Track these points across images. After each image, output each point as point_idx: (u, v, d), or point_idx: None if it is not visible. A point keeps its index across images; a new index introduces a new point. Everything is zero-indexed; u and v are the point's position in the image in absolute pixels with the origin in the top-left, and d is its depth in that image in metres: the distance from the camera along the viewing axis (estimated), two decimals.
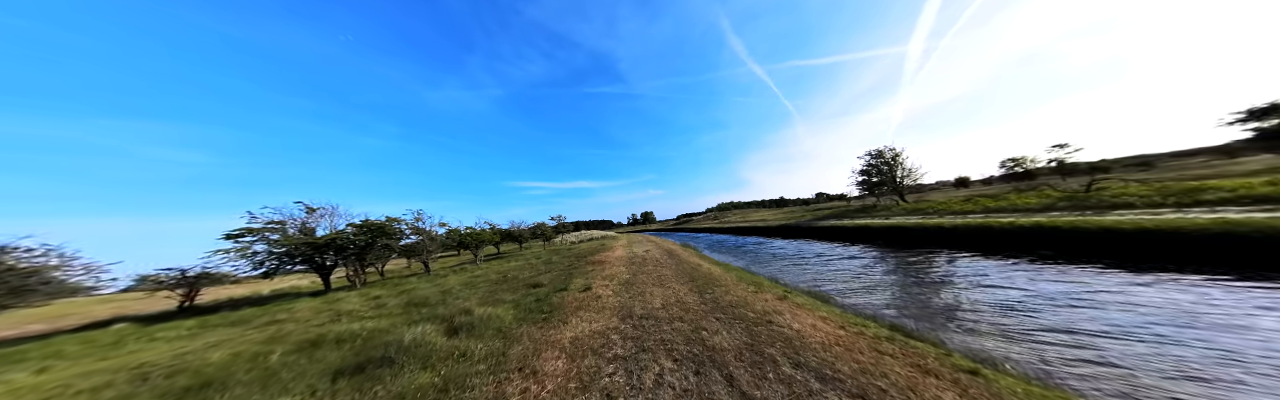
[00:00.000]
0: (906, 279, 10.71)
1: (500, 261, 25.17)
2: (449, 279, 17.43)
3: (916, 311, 7.42)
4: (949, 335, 5.83)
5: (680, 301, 7.48)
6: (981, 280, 9.33)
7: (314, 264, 18.53)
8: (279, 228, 18.60)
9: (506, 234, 37.40)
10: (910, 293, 9.07)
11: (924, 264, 12.40)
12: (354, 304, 12.96)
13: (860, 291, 9.77)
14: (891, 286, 10.04)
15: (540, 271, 15.62)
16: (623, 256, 17.77)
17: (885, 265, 13.09)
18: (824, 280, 11.73)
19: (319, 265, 18.76)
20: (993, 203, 20.14)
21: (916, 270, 11.58)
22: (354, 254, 20.23)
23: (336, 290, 18.26)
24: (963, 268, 11.05)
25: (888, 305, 8.24)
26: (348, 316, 10.52)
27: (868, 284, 10.58)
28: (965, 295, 8.19)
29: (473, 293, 12.08)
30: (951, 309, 7.29)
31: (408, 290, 15.23)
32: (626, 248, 23.69)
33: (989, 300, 7.62)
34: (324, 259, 18.88)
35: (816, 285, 10.98)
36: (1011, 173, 53.66)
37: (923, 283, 9.93)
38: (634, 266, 13.89)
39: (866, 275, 11.79)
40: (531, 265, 18.87)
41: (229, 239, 17.05)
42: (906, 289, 9.56)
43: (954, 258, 12.71)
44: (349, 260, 20.05)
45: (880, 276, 11.42)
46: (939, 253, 13.94)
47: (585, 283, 10.97)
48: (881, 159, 36.18)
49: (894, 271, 11.95)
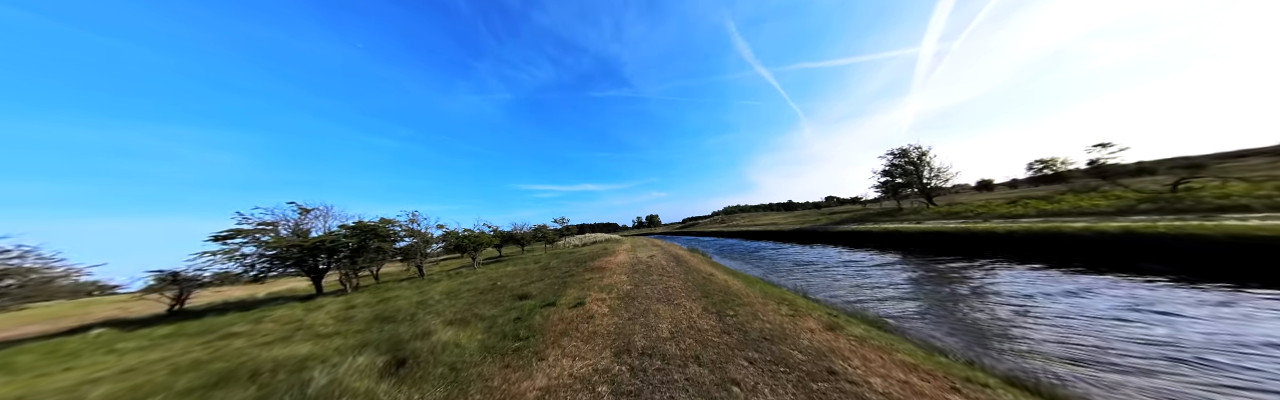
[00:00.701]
0: (982, 298, 8.34)
1: (498, 265, 23.74)
2: (437, 285, 15.92)
3: (1044, 356, 5.18)
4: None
5: (694, 328, 5.75)
6: (1093, 302, 7.23)
7: (305, 267, 17.37)
8: (270, 229, 17.57)
9: (508, 236, 35.93)
10: (1010, 321, 6.73)
11: (985, 276, 10.37)
12: (324, 315, 11.50)
13: (930, 317, 7.55)
14: (970, 309, 7.70)
15: (533, 278, 14.01)
16: (625, 262, 16.06)
17: (937, 277, 11.09)
18: (868, 297, 9.68)
19: (311, 268, 17.59)
20: (1047, 205, 17.84)
21: (983, 286, 9.44)
22: (346, 257, 19.00)
23: (328, 294, 17.15)
24: (1050, 284, 8.80)
25: (984, 341, 5.91)
26: (303, 333, 8.99)
27: (931, 304, 8.34)
28: (1113, 331, 5.79)
29: (451, 304, 10.50)
30: (1120, 361, 4.80)
31: (388, 299, 13.76)
32: (630, 252, 21.97)
33: (1158, 340, 5.25)
34: (316, 262, 17.69)
35: (862, 304, 8.95)
36: (1040, 175, 51.02)
37: (1017, 306, 7.48)
38: (637, 275, 12.18)
39: (922, 291, 9.68)
40: (527, 271, 17.28)
41: (216, 241, 16.01)
42: (994, 313, 7.22)
43: (1013, 268, 10.71)
44: (341, 263, 18.82)
45: (942, 293, 9.18)
46: (992, 262, 11.96)
47: (579, 295, 9.32)
48: (906, 158, 32.81)
49: (954, 286, 9.76)
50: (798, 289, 11.13)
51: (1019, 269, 10.68)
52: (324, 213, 20.31)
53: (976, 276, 10.52)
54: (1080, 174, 48.63)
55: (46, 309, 24.10)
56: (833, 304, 9.02)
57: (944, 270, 11.78)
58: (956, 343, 6.00)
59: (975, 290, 9.18)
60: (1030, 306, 7.44)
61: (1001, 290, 8.88)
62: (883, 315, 7.86)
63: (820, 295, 10.23)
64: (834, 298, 9.85)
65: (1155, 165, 33.07)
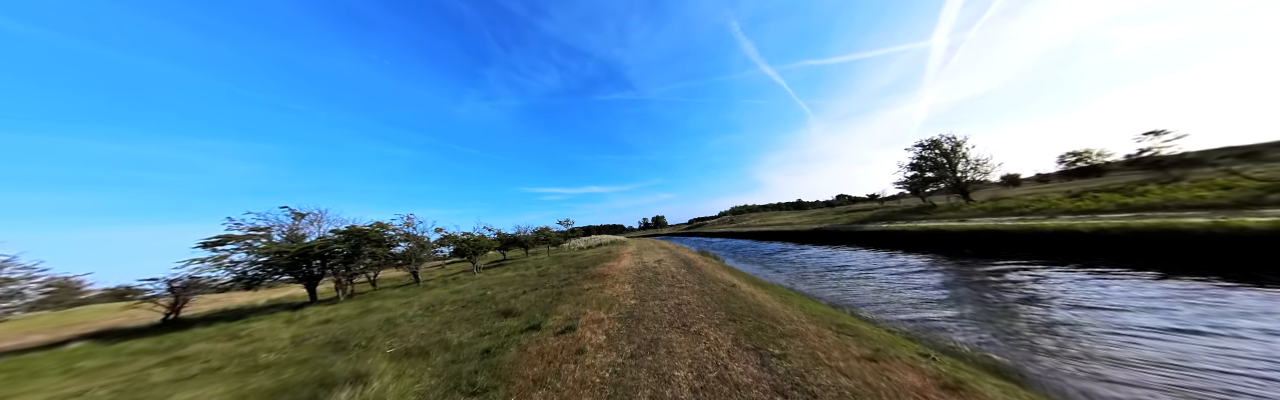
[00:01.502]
0: (1117, 319, 5.97)
1: (499, 270, 22.46)
2: (426, 295, 14.53)
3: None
4: None
5: (728, 381, 3.94)
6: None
7: (298, 274, 16.47)
8: (263, 234, 16.75)
9: (511, 240, 34.63)
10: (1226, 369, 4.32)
11: (1088, 286, 8.11)
12: (288, 333, 10.13)
13: (1074, 357, 4.97)
14: (1132, 343, 5.18)
15: (527, 288, 12.50)
16: (630, 268, 14.43)
17: (1015, 287, 8.87)
18: (944, 317, 7.30)
19: (305, 275, 16.67)
20: (1127, 198, 15.22)
21: (1102, 302, 6.96)
22: (338, 263, 17.84)
23: (323, 302, 16.27)
24: (1222, 302, 6.29)
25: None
26: (239, 362, 7.48)
27: (1046, 330, 5.94)
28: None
29: (423, 323, 9.02)
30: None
31: (370, 310, 12.41)
32: (635, 256, 20.34)
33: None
34: (310, 268, 16.72)
35: (944, 330, 6.55)
36: (1073, 168, 48.07)
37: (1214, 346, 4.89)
38: (643, 285, 10.55)
39: (1015, 308, 7.24)
40: (524, 278, 15.80)
41: (206, 247, 15.22)
42: (1180, 352, 4.78)
43: (1124, 276, 8.54)
44: (334, 269, 17.73)
45: (1051, 312, 6.83)
46: (1078, 267, 9.85)
47: (572, 313, 7.74)
48: (937, 150, 29.19)
49: (1052, 301, 7.40)
50: (844, 304, 9.17)
51: (1142, 279, 8.06)
52: (318, 217, 19.34)
53: (1074, 287, 8.29)
54: (1120, 166, 45.72)
55: (61, 317, 23.42)
56: (909, 331, 6.74)
57: (1024, 280, 9.35)
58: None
59: (1098, 308, 6.74)
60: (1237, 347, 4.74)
61: (1125, 307, 6.74)
62: (995, 351, 5.42)
63: (880, 314, 8.03)
64: (900, 318, 7.68)
65: (1201, 155, 30.35)
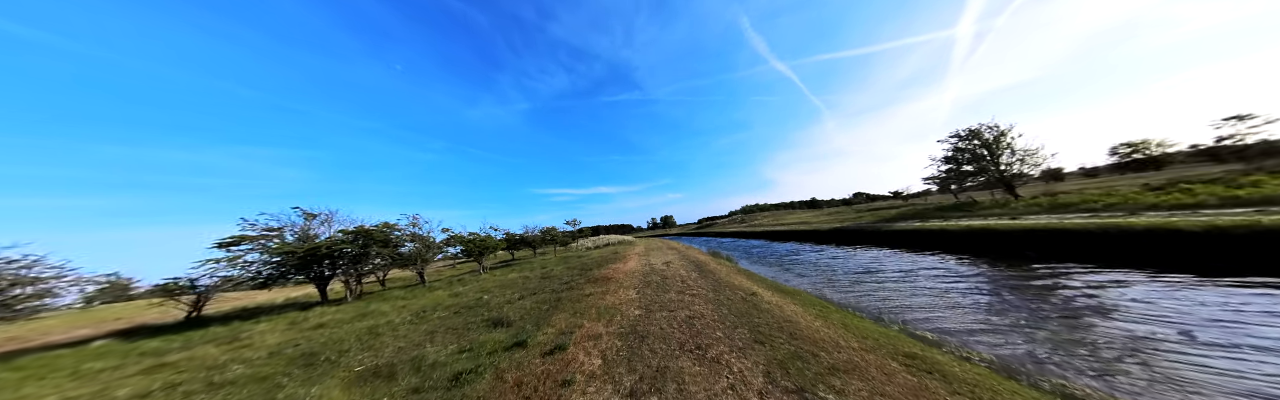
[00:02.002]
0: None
1: (504, 271, 21.85)
2: (424, 298, 13.91)
3: None
4: None
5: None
6: None
7: (308, 274, 16.49)
8: (275, 235, 16.82)
9: (520, 239, 34.16)
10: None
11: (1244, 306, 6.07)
12: (271, 340, 9.55)
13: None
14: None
15: (527, 291, 11.64)
16: (636, 271, 13.38)
17: (1136, 301, 6.88)
18: (1039, 339, 5.74)
19: (316, 275, 16.68)
20: (1232, 190, 12.78)
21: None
22: (346, 263, 17.67)
23: (333, 302, 16.07)
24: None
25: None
26: (207, 377, 6.82)
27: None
28: None
29: (405, 333, 8.26)
30: None
31: (360, 316, 11.76)
32: (642, 257, 19.26)
33: None
34: (321, 268, 16.68)
35: (1048, 361, 5.04)
36: (1128, 161, 44.28)
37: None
38: (649, 291, 9.48)
39: (1172, 341, 5.24)
40: (526, 280, 15.00)
41: (221, 247, 15.33)
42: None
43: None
44: (344, 270, 17.59)
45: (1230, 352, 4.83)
46: (1174, 273, 8.16)
47: (566, 326, 6.78)
48: (976, 141, 25.98)
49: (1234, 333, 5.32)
50: (893, 319, 7.55)
51: None
52: (329, 217, 19.29)
53: (1213, 304, 6.20)
54: (1185, 157, 41.85)
55: (109, 311, 24.18)
56: (1007, 365, 4.96)
57: (1131, 293, 7.34)
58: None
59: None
60: None
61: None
62: None
63: (946, 336, 6.36)
64: (977, 342, 5.94)
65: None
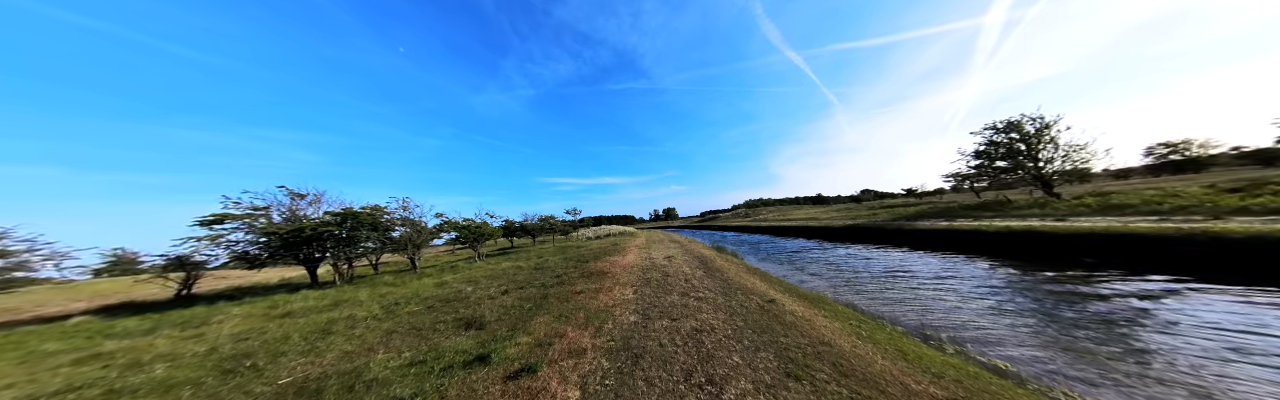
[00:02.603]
0: None
1: (499, 259, 20.97)
2: (404, 287, 12.89)
3: None
4: None
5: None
6: None
7: (296, 256, 15.76)
8: (262, 214, 15.97)
9: (519, 227, 33.21)
10: None
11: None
12: (226, 330, 8.55)
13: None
14: None
15: (513, 285, 10.55)
16: (635, 265, 12.19)
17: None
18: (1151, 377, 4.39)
19: (305, 257, 15.96)
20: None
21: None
22: (332, 247, 16.78)
23: (322, 285, 15.64)
24: None
25: None
26: (118, 376, 5.80)
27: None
28: None
29: (360, 334, 7.17)
30: None
31: (332, 305, 10.74)
32: (643, 250, 18.05)
33: None
34: (310, 250, 15.94)
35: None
36: (1164, 162, 41.91)
37: None
38: (648, 291, 8.28)
39: None
40: (517, 271, 13.93)
41: (203, 226, 14.58)
42: None
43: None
44: (333, 253, 16.76)
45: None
46: None
47: (545, 334, 5.61)
48: (1015, 134, 23.41)
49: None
50: (942, 337, 6.11)
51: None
52: (317, 198, 18.32)
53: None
54: (1229, 159, 39.47)
55: (111, 284, 23.11)
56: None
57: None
58: None
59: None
60: None
61: None
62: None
63: (1024, 365, 4.99)
64: (1069, 376, 4.59)
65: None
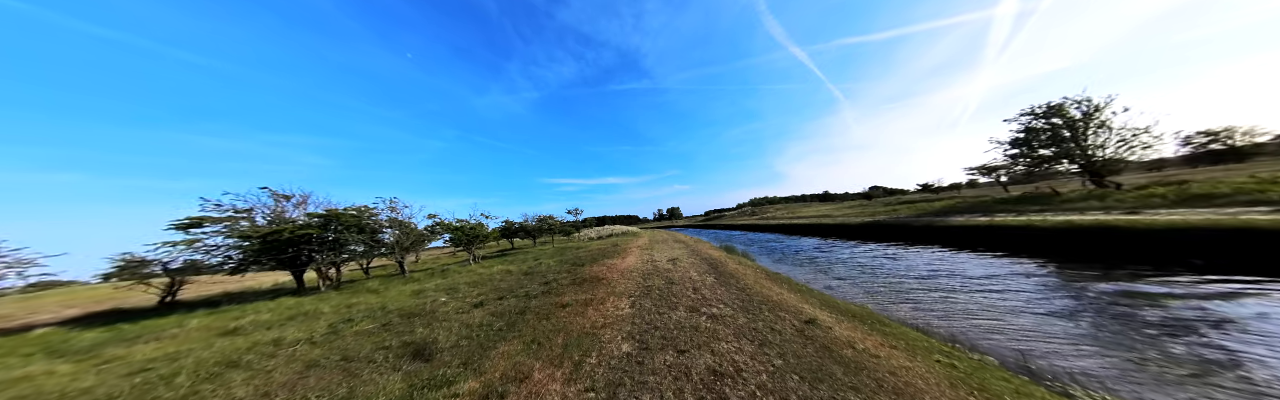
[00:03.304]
0: None
1: (492, 262, 19.75)
2: (379, 296, 11.58)
3: None
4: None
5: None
6: None
7: (277, 260, 14.65)
8: (245, 216, 15.04)
9: (519, 228, 31.91)
10: None
11: None
12: (136, 357, 7.18)
13: None
14: None
15: (493, 294, 9.12)
16: (635, 269, 10.67)
17: None
18: None
19: (288, 261, 14.81)
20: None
21: None
22: (313, 250, 15.55)
23: (308, 291, 14.70)
24: None
25: None
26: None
27: None
28: None
29: (280, 364, 5.79)
30: None
31: (287, 318, 9.37)
32: (645, 251, 16.55)
33: None
34: (292, 254, 14.79)
35: None
36: (1205, 151, 39.44)
37: None
38: (648, 303, 6.77)
39: None
40: (506, 276, 12.54)
41: (180, 229, 13.63)
42: None
43: None
44: (312, 257, 15.56)
45: None
46: None
47: (502, 374, 4.17)
48: (1059, 118, 20.27)
49: None
50: (1048, 373, 4.40)
51: None
52: (303, 200, 17.14)
53: None
54: (1277, 148, 36.92)
55: (105, 291, 21.70)
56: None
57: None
58: None
59: None
60: None
61: None
62: None
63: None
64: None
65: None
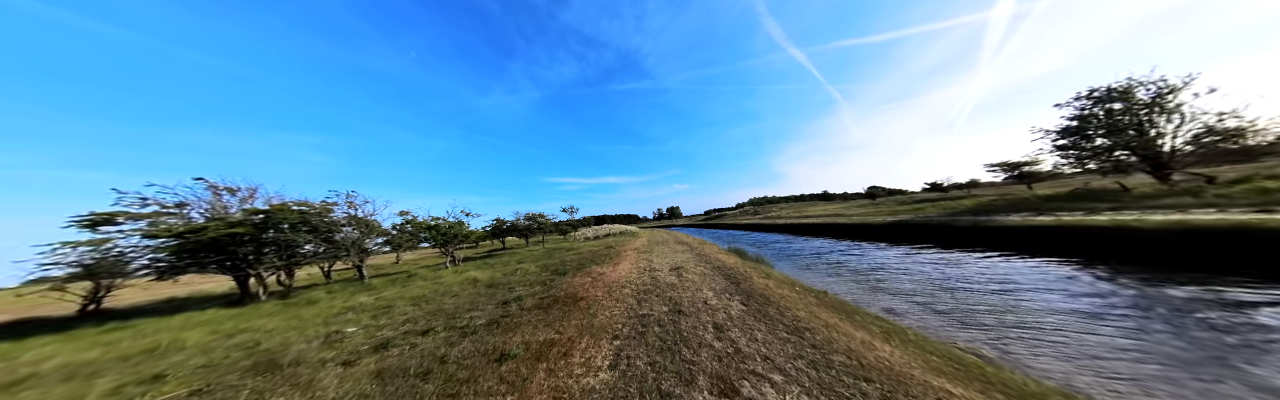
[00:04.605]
0: None
1: (471, 265, 18.10)
2: (295, 314, 9.49)
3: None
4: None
5: None
6: None
7: (210, 263, 12.44)
8: (176, 213, 12.93)
9: (509, 227, 29.93)
10: None
11: None
12: None
13: None
14: None
15: (427, 321, 7.00)
16: (627, 282, 8.49)
17: None
18: None
19: (226, 265, 12.66)
20: None
21: None
22: (255, 253, 13.44)
23: (254, 299, 12.71)
24: None
25: None
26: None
27: None
28: None
29: None
30: None
31: (125, 357, 7.21)
32: (643, 255, 14.32)
33: None
34: (230, 255, 12.65)
35: None
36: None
37: None
38: (643, 359, 4.58)
39: None
40: (470, 286, 10.47)
41: (85, 227, 11.69)
42: None
43: None
44: (265, 259, 13.46)
45: None
46: None
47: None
48: (1126, 102, 16.70)
49: None
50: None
51: None
52: (251, 194, 14.90)
53: None
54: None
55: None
56: None
57: None
58: None
59: None
60: None
61: None
62: None
63: None
64: None
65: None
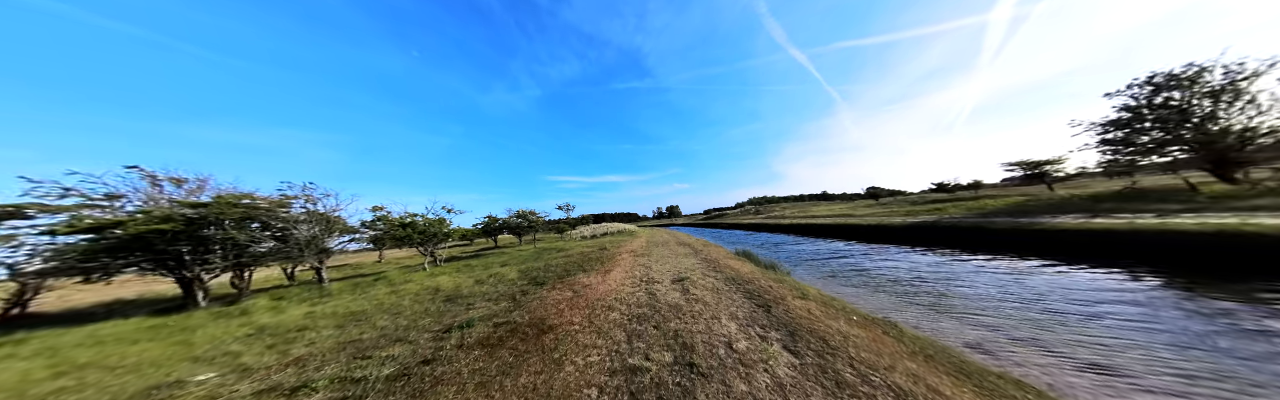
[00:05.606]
0: None
1: (450, 267, 16.46)
2: (219, 328, 7.63)
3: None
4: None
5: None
6: None
7: (152, 264, 10.85)
8: (107, 206, 11.30)
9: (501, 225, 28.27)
10: None
11: None
12: None
13: None
14: None
15: (374, 342, 5.12)
16: (620, 299, 6.55)
17: None
18: None
19: (170, 266, 11.01)
20: None
21: None
22: (196, 251, 11.60)
23: (185, 308, 10.81)
24: None
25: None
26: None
27: None
28: None
29: None
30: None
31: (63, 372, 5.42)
32: (640, 260, 12.35)
33: None
34: (161, 254, 10.88)
35: None
36: None
37: None
38: None
39: None
40: (428, 297, 8.62)
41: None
42: None
43: None
44: (190, 260, 11.67)
45: None
46: None
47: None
48: (1189, 89, 14.68)
49: None
50: None
51: None
52: (200, 186, 12.99)
53: None
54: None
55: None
56: None
57: None
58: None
59: None
60: None
61: None
62: None
63: None
64: None
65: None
